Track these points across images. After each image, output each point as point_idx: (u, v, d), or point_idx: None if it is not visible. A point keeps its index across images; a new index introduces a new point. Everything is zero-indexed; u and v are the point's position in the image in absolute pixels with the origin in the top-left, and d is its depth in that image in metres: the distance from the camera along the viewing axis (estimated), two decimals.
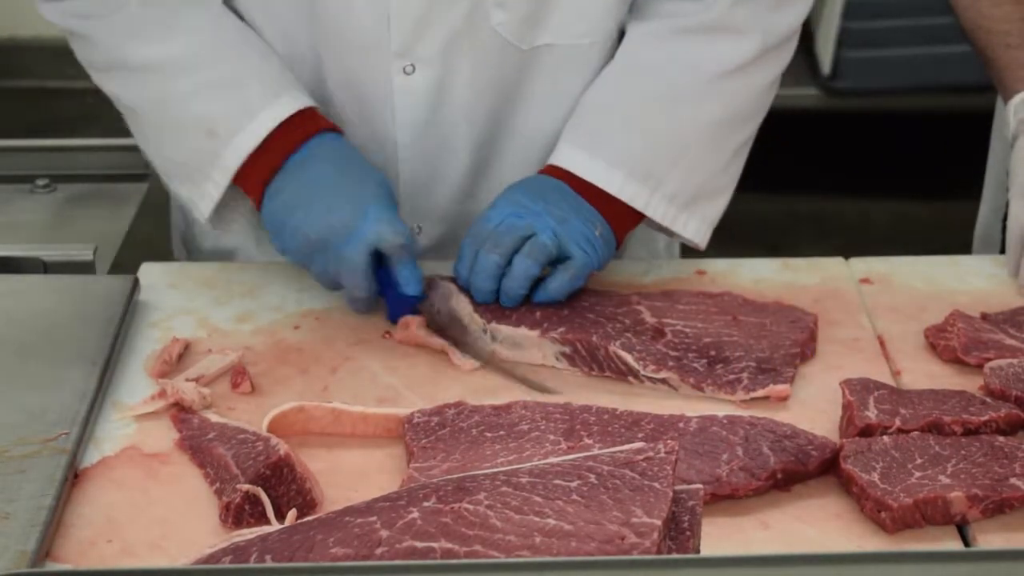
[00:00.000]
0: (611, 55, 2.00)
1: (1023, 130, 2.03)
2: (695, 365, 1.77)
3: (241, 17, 1.96)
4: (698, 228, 1.97)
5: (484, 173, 2.03)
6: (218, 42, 1.91)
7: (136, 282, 1.91)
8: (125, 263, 2.10)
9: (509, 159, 2.03)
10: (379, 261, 1.85)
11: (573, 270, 1.87)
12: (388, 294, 1.87)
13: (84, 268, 2.02)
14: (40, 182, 2.22)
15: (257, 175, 1.88)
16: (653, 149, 1.93)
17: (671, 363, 1.77)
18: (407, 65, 1.94)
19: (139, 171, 2.22)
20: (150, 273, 1.98)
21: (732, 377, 1.75)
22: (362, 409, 1.68)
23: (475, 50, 1.94)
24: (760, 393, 1.74)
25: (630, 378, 1.78)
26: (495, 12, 1.92)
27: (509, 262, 1.85)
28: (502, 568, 1.37)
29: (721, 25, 1.93)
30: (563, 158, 1.93)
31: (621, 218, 1.93)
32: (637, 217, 1.94)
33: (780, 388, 1.74)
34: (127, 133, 2.26)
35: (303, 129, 1.88)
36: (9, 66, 5.12)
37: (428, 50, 1.93)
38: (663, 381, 1.76)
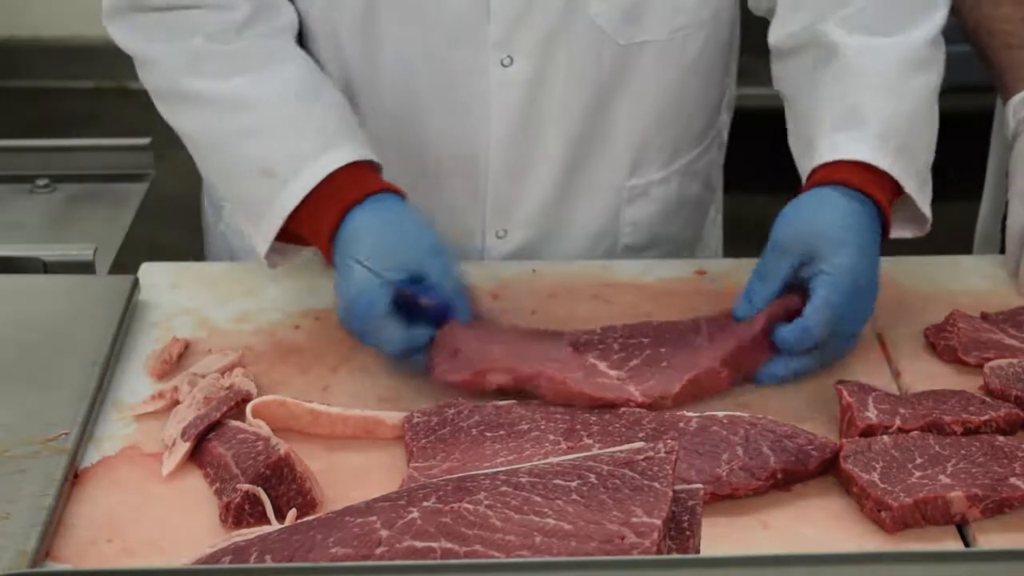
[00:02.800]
0: (704, 47, 2.00)
1: (1023, 130, 2.03)
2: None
3: (311, 41, 1.94)
4: (927, 203, 1.89)
5: (575, 172, 2.02)
6: (280, 85, 1.87)
7: (136, 282, 1.91)
8: (125, 263, 2.11)
9: (601, 158, 2.03)
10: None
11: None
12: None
13: (84, 268, 2.02)
14: (40, 182, 2.22)
15: (316, 227, 1.82)
16: (908, 117, 1.88)
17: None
18: (505, 57, 1.93)
19: (139, 171, 2.22)
20: (150, 273, 1.98)
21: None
22: (341, 410, 1.68)
23: (573, 43, 1.94)
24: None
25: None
26: (593, 3, 1.92)
27: None
28: (502, 568, 1.37)
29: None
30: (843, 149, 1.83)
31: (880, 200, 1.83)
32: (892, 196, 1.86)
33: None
34: (127, 133, 2.27)
35: (364, 180, 1.82)
36: (9, 66, 5.12)
37: (527, 41, 1.92)
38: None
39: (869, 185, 1.81)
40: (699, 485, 1.51)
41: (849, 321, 1.78)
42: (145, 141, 2.22)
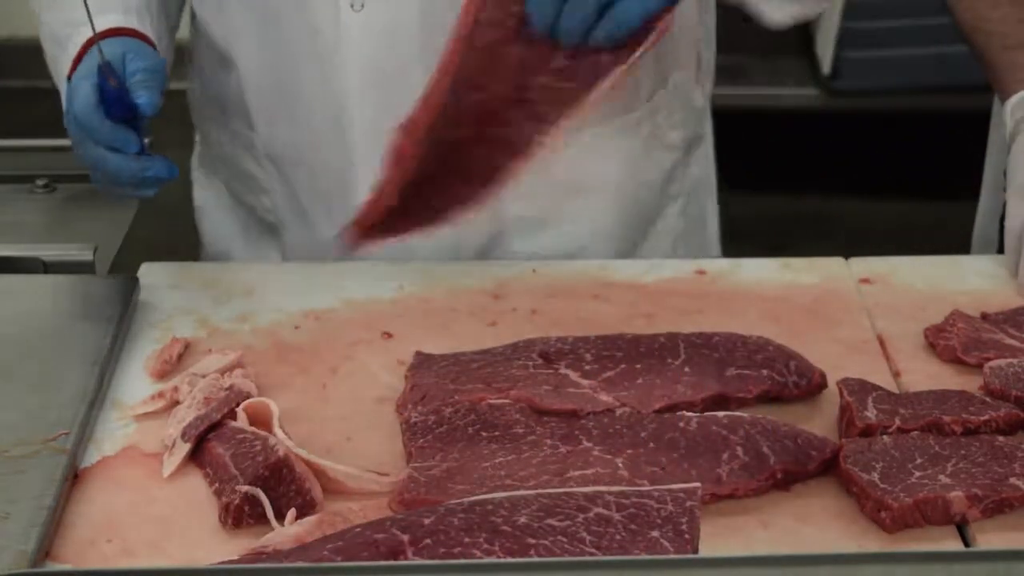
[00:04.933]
0: None
1: (1020, 130, 2.04)
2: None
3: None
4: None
5: None
6: None
7: (136, 282, 1.91)
8: (125, 263, 2.10)
9: None
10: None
11: None
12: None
13: (84, 268, 2.01)
14: (40, 182, 2.22)
15: None
16: None
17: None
18: (355, 1, 1.92)
19: None
20: (150, 273, 1.98)
21: None
22: (317, 460, 1.61)
23: None
24: None
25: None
26: None
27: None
28: (502, 568, 1.37)
29: None
30: None
31: None
32: None
33: None
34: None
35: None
36: (9, 66, 5.12)
37: None
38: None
39: None
40: (697, 485, 1.52)
41: None
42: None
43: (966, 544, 1.54)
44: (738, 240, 2.06)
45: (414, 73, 1.89)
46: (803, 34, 4.61)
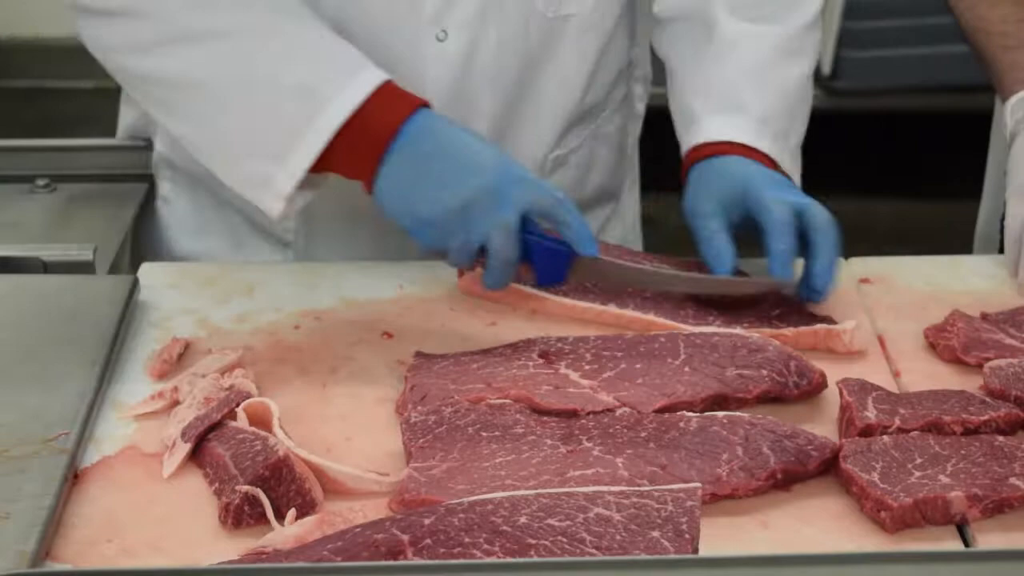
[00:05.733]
0: (619, 24, 2.09)
1: (1021, 130, 2.04)
2: None
3: None
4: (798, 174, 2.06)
5: (502, 141, 2.04)
6: (290, 9, 1.84)
7: (136, 282, 1.91)
8: (125, 263, 2.10)
9: (526, 130, 2.06)
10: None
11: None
12: (536, 259, 1.80)
13: (84, 268, 2.01)
14: (40, 182, 2.22)
15: (360, 153, 1.79)
16: (783, 104, 2.02)
17: None
18: (439, 32, 1.95)
19: (139, 171, 2.22)
20: (150, 273, 1.98)
21: None
22: (318, 460, 1.61)
23: (504, 16, 1.98)
24: None
25: None
26: None
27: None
28: (502, 568, 1.37)
29: None
30: (718, 130, 1.98)
31: None
32: None
33: None
34: (127, 133, 2.26)
35: (400, 103, 1.80)
36: (9, 66, 5.12)
37: (460, 16, 1.95)
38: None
39: (752, 155, 1.96)
40: (697, 485, 1.52)
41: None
42: (146, 141, 2.21)
43: (966, 544, 1.54)
44: (738, 240, 2.05)
45: (484, 97, 2.00)
46: None
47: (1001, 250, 2.07)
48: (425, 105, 1.81)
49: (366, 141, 1.78)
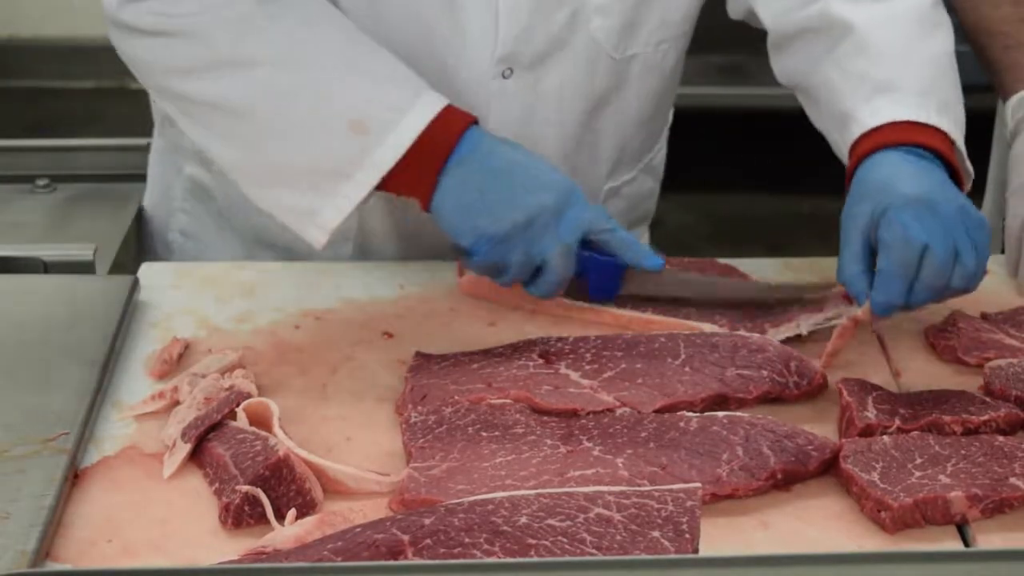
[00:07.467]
0: (679, 56, 2.07)
1: (1021, 129, 2.04)
2: None
3: None
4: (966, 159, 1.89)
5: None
6: (345, 35, 1.81)
7: (136, 282, 1.91)
8: (125, 263, 2.10)
9: (587, 165, 2.05)
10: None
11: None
12: (591, 274, 1.84)
13: (84, 268, 2.02)
14: (40, 182, 2.22)
15: (417, 172, 1.77)
16: (939, 77, 1.89)
17: None
18: (506, 69, 1.94)
19: (139, 171, 2.22)
20: (150, 273, 1.98)
21: None
22: (318, 460, 1.61)
23: (571, 56, 1.96)
24: None
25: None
26: (595, 18, 1.94)
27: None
28: (502, 568, 1.37)
29: None
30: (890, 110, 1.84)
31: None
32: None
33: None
34: (127, 133, 2.26)
35: (453, 122, 1.79)
36: (9, 66, 5.12)
37: (528, 55, 1.93)
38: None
39: (920, 137, 1.82)
40: (697, 485, 1.52)
41: (944, 244, 1.73)
42: (145, 141, 2.21)
43: (966, 544, 1.54)
44: (738, 240, 2.06)
45: (548, 134, 1.98)
46: None
47: (1002, 250, 2.07)
48: (475, 121, 1.81)
49: (423, 160, 1.77)
